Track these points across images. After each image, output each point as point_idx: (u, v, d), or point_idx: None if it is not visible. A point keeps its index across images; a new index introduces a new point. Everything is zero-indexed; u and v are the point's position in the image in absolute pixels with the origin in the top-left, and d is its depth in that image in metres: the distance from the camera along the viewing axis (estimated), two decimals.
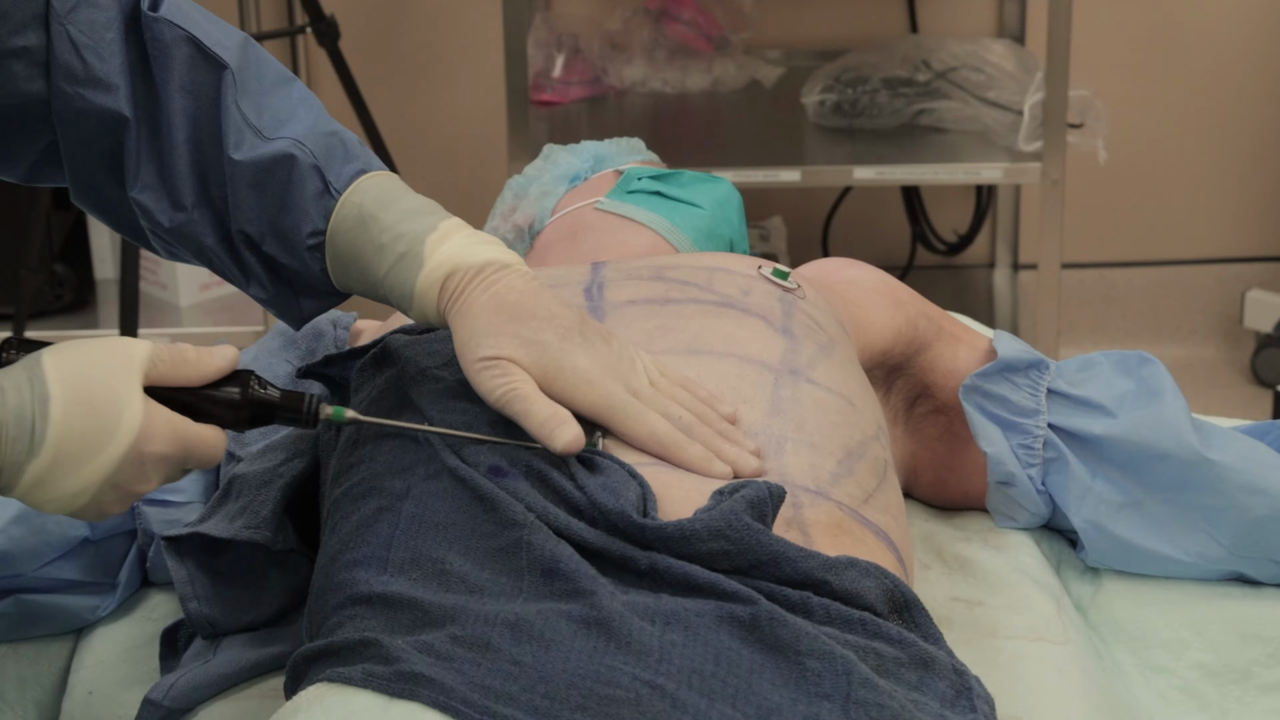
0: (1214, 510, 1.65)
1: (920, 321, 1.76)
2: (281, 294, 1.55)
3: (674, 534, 1.32)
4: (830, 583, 1.33)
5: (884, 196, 3.79)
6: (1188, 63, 3.73)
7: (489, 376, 1.41)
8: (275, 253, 1.50)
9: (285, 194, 1.49)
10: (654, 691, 1.22)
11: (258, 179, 1.49)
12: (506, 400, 1.41)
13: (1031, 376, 1.72)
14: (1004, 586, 1.64)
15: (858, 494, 1.47)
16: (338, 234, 1.48)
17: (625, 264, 1.68)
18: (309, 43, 3.64)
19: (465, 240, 1.46)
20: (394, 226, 1.46)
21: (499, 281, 1.44)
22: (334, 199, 1.48)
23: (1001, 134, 3.29)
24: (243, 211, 1.50)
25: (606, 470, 1.38)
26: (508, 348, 1.41)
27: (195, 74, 1.50)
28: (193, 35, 1.50)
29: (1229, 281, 3.84)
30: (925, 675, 1.30)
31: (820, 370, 1.55)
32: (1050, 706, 1.48)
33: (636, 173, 1.90)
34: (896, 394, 1.76)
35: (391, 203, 1.47)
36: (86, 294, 3.56)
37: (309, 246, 1.49)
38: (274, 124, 1.50)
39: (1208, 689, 1.63)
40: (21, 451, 1.28)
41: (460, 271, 1.44)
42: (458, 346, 1.44)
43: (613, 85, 3.58)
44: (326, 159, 1.49)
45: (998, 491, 1.72)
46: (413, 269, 1.45)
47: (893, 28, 3.70)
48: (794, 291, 1.63)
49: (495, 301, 1.43)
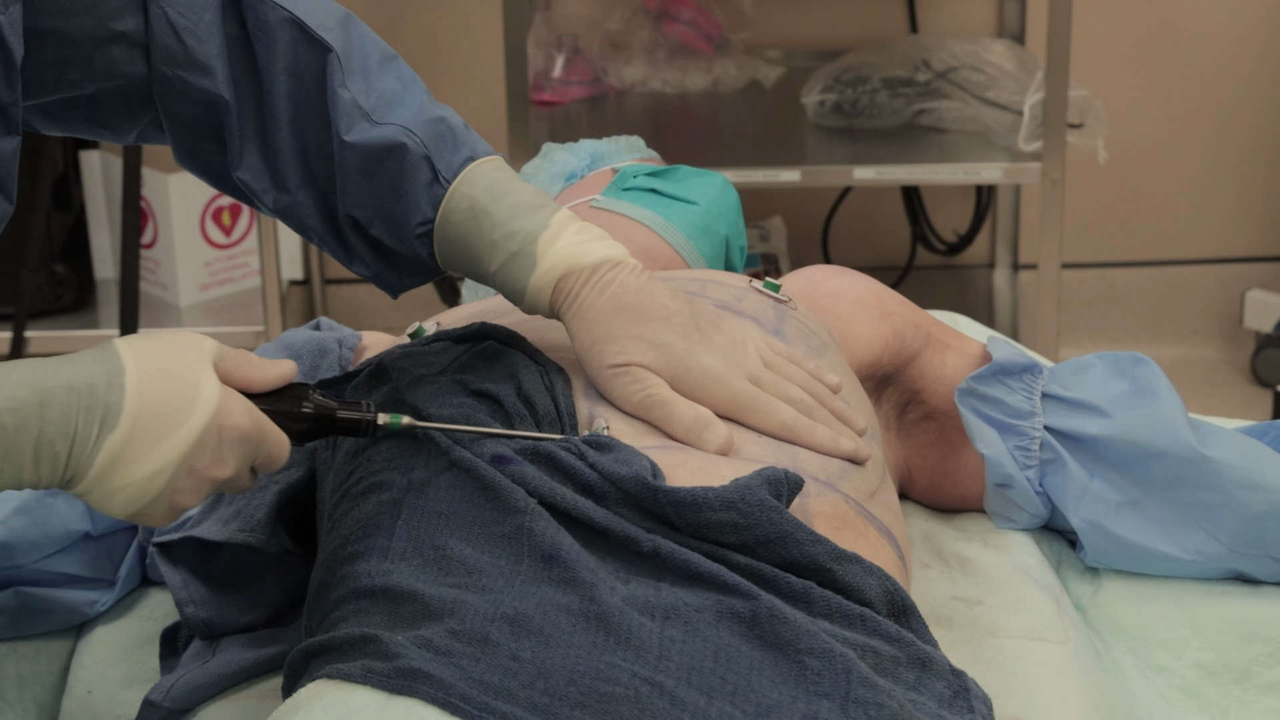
0: (1212, 507, 1.65)
1: (908, 331, 1.76)
2: (384, 271, 1.56)
3: (686, 498, 1.33)
4: (834, 572, 1.33)
5: (884, 196, 3.79)
6: (1188, 63, 3.72)
7: (623, 383, 1.44)
8: (383, 236, 1.52)
9: (396, 182, 1.49)
10: (653, 689, 1.22)
11: (368, 166, 1.50)
12: (646, 406, 1.44)
13: (1025, 380, 1.72)
14: (1004, 586, 1.64)
15: (864, 489, 1.48)
16: (448, 225, 1.49)
17: None
18: None
19: (576, 237, 1.47)
20: (506, 223, 1.47)
21: (614, 282, 1.46)
22: (444, 188, 1.49)
23: (1001, 134, 3.29)
24: (351, 197, 1.51)
25: (616, 448, 1.39)
26: (636, 353, 1.44)
27: (299, 56, 1.50)
28: (296, 17, 1.50)
29: (1229, 281, 3.84)
30: (923, 675, 1.30)
31: (813, 364, 1.55)
32: (1050, 706, 1.48)
33: (632, 170, 1.90)
34: (886, 402, 1.76)
35: (502, 195, 1.48)
36: (86, 294, 3.55)
37: (418, 235, 1.50)
38: (382, 107, 1.51)
39: (1208, 688, 1.63)
40: (95, 422, 1.24)
41: (575, 273, 1.46)
42: (581, 351, 1.46)
43: (613, 85, 3.58)
44: (436, 147, 1.50)
45: (996, 493, 1.72)
46: (526, 268, 1.46)
47: (893, 28, 3.70)
48: (786, 304, 1.64)
49: (614, 304, 1.45)
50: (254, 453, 1.32)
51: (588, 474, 1.37)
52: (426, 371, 1.50)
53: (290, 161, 1.52)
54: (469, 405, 1.44)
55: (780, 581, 1.32)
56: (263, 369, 1.34)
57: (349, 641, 1.30)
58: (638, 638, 1.25)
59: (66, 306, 3.52)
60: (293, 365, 1.36)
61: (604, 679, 1.22)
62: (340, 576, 1.38)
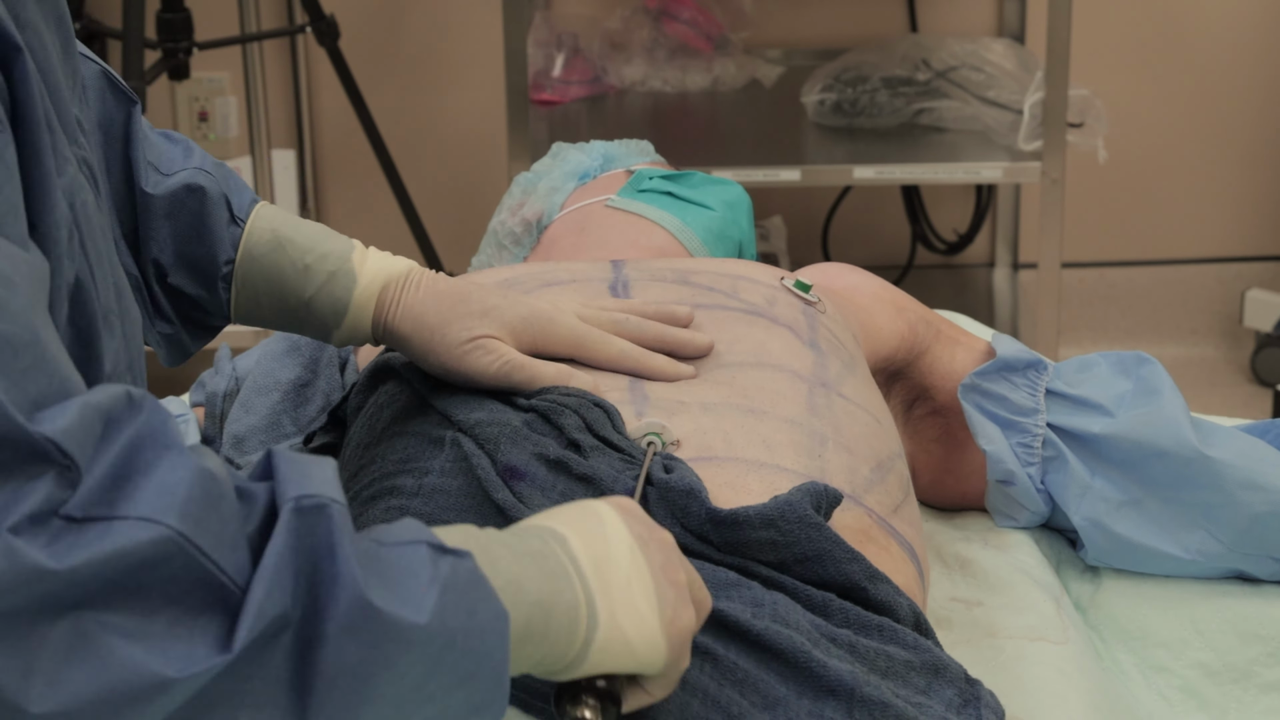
0: (1213, 507, 1.65)
1: (920, 326, 1.76)
2: (180, 330, 1.53)
3: (727, 517, 1.32)
4: (868, 591, 1.33)
5: (884, 196, 3.79)
6: (1188, 62, 3.72)
7: (476, 358, 1.45)
8: (181, 283, 1.50)
9: (198, 223, 1.49)
10: None
11: (170, 209, 1.49)
12: (506, 373, 1.44)
13: (1030, 376, 1.72)
14: (1004, 586, 1.64)
15: (888, 503, 1.48)
16: (250, 260, 1.49)
17: (646, 264, 1.68)
18: (309, 42, 3.64)
19: (381, 254, 1.50)
20: (314, 248, 1.48)
21: (424, 280, 1.48)
22: (240, 227, 1.49)
23: (1001, 133, 3.29)
24: (156, 242, 1.49)
25: (679, 469, 1.38)
26: (477, 326, 1.45)
27: (107, 107, 1.49)
28: (105, 68, 1.49)
29: (1229, 281, 3.84)
30: (934, 681, 1.30)
31: (848, 387, 1.55)
32: (1050, 707, 1.48)
33: (648, 173, 1.90)
34: (895, 397, 1.76)
35: (299, 225, 1.50)
36: None
37: (223, 275, 1.49)
38: (167, 161, 1.50)
39: (1208, 688, 1.63)
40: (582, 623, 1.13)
41: (393, 281, 1.47)
42: (423, 345, 1.46)
43: (612, 84, 3.58)
44: (228, 187, 1.50)
45: (997, 490, 1.72)
46: (346, 286, 1.47)
47: (893, 27, 3.70)
48: (815, 305, 1.63)
49: (433, 295, 1.47)
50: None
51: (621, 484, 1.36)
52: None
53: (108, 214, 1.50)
54: (497, 409, 1.44)
55: (800, 592, 1.32)
56: None
57: None
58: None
59: None
60: None
61: None
62: None
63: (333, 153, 3.78)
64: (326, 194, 3.80)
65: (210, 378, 1.79)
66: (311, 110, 3.74)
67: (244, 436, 1.67)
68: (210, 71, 3.67)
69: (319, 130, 3.77)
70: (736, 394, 1.48)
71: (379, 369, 1.55)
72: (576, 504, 1.18)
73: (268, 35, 3.35)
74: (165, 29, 3.12)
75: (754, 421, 1.45)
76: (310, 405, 1.68)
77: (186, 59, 3.14)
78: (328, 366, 1.72)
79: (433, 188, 3.73)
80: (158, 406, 0.97)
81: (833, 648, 1.28)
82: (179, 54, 3.12)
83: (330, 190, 3.80)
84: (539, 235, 1.89)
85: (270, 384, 1.71)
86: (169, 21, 3.12)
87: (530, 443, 1.39)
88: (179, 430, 0.96)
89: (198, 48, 3.14)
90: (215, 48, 3.23)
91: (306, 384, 1.70)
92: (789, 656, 1.24)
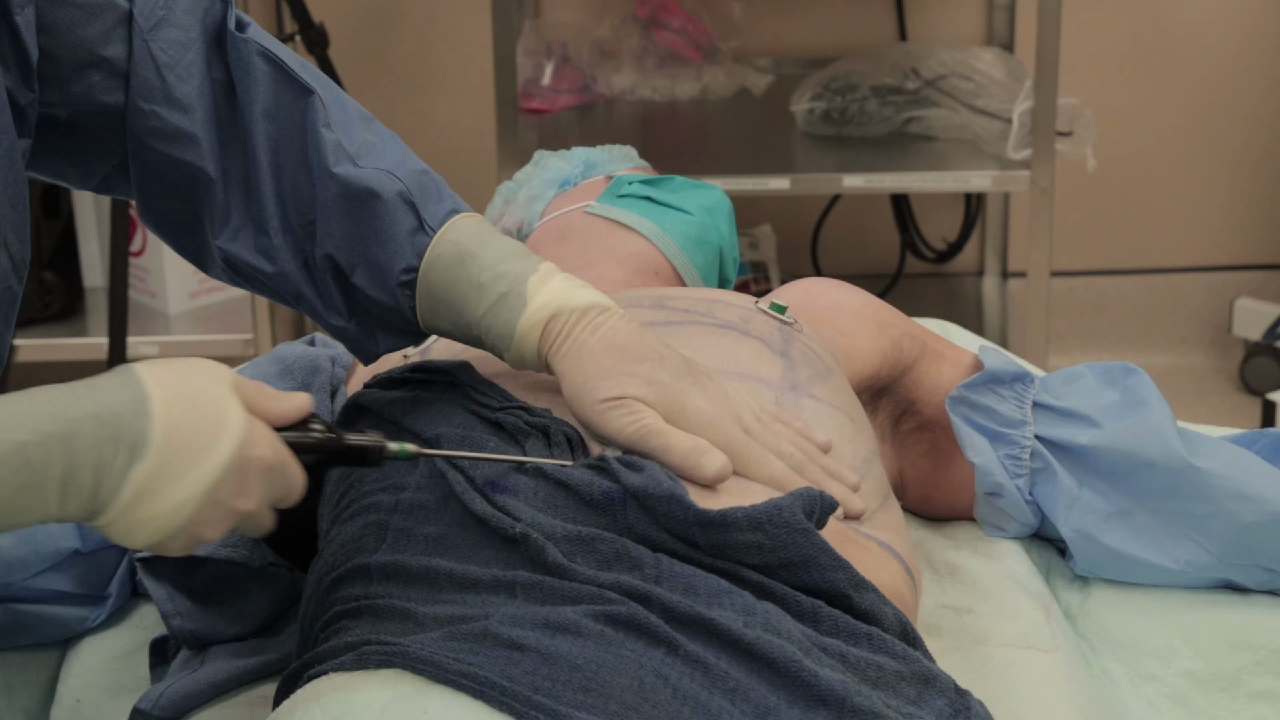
0: (1202, 518, 1.65)
1: (904, 342, 1.76)
2: (360, 326, 1.53)
3: (715, 518, 1.32)
4: (851, 599, 1.33)
5: (873, 204, 3.79)
6: (1176, 71, 3.73)
7: (617, 415, 1.41)
8: (364, 284, 1.49)
9: (380, 227, 1.48)
10: (658, 679, 1.22)
11: (351, 207, 1.48)
12: (641, 436, 1.41)
13: (1017, 389, 1.72)
14: (993, 594, 1.64)
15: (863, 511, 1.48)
16: (432, 271, 1.47)
17: (626, 294, 1.68)
18: (298, 50, 3.64)
19: (566, 283, 1.46)
20: (494, 266, 1.45)
21: (604, 324, 1.44)
22: (429, 236, 1.47)
23: (990, 142, 3.29)
24: (333, 238, 1.48)
25: (648, 469, 1.38)
26: (631, 387, 1.41)
27: (280, 98, 1.49)
28: (279, 58, 1.49)
29: (1218, 289, 3.84)
30: (925, 691, 1.30)
31: (819, 388, 1.55)
32: (1040, 715, 1.48)
33: (627, 178, 1.90)
34: (882, 412, 1.76)
35: (488, 243, 1.47)
36: (75, 302, 3.55)
37: (401, 282, 1.48)
38: (366, 153, 1.49)
39: (1197, 697, 1.63)
40: (123, 452, 1.18)
41: (565, 314, 1.44)
42: (571, 389, 1.43)
43: (602, 93, 3.58)
44: (421, 196, 1.49)
45: (986, 502, 1.72)
46: (515, 309, 1.44)
47: (882, 36, 3.70)
48: (792, 326, 1.63)
49: (605, 343, 1.43)
50: (277, 486, 1.27)
51: (599, 488, 1.36)
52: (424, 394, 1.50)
53: (270, 204, 1.49)
54: (467, 424, 1.44)
55: (790, 600, 1.31)
56: (280, 401, 1.29)
57: (334, 650, 1.30)
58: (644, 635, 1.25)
59: (55, 314, 3.51)
60: (309, 398, 1.31)
61: (608, 669, 1.22)
62: (328, 602, 1.38)
63: None
64: None
65: None
66: None
67: None
68: None
69: None
70: None
71: (351, 406, 1.55)
72: (218, 420, 1.23)
73: None
74: None
75: None
76: None
77: None
78: (319, 392, 1.72)
79: None
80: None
81: (824, 657, 1.28)
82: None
83: None
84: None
85: None
86: None
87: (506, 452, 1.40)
88: None
89: None
90: None
91: None
92: (780, 666, 1.24)
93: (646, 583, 1.29)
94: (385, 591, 1.35)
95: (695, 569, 1.31)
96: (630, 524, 1.34)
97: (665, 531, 1.33)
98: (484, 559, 1.34)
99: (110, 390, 1.20)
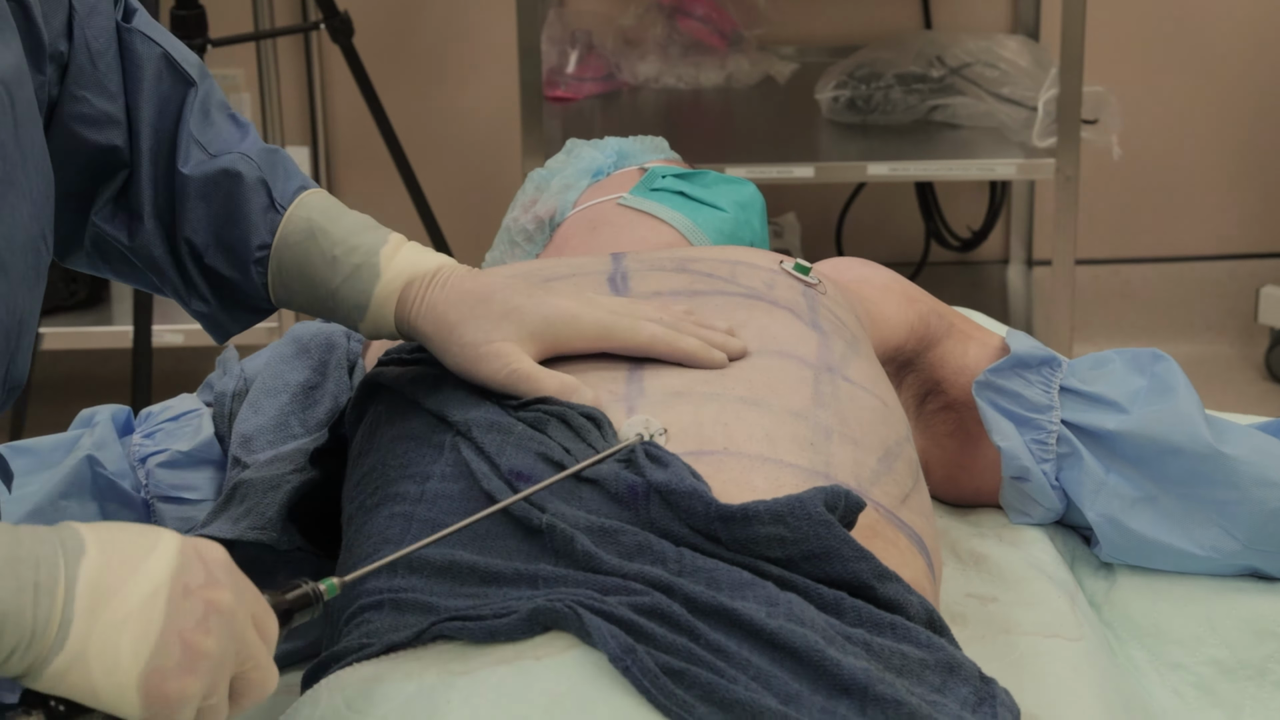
0: (1228, 504, 1.64)
1: (932, 318, 1.76)
2: (218, 310, 1.56)
3: (737, 513, 1.32)
4: (875, 589, 1.33)
5: (898, 193, 3.79)
6: (1202, 58, 3.72)
7: (487, 363, 1.45)
8: (218, 264, 1.52)
9: (233, 207, 1.51)
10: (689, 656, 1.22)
11: (205, 190, 1.51)
12: (512, 382, 1.45)
13: (1044, 373, 1.72)
14: (1018, 582, 1.64)
15: (896, 494, 1.47)
16: (285, 248, 1.51)
17: (646, 255, 1.68)
18: (322, 39, 3.65)
19: (415, 250, 1.51)
20: (346, 240, 1.50)
21: (452, 277, 1.48)
22: (279, 214, 1.51)
23: (1016, 130, 3.29)
24: (189, 222, 1.52)
25: (671, 463, 1.37)
26: (494, 331, 1.45)
27: (163, 88, 1.52)
28: (166, 50, 1.52)
29: (1243, 277, 3.83)
30: (949, 679, 1.30)
31: (854, 369, 1.54)
32: (1066, 703, 1.48)
33: (660, 171, 1.90)
34: (907, 390, 1.76)
35: (338, 217, 1.51)
36: (100, 291, 3.56)
37: (256, 259, 1.51)
38: (221, 139, 1.53)
39: (1223, 685, 1.63)
40: (59, 555, 1.07)
41: (418, 279, 1.48)
42: (438, 347, 1.47)
43: (626, 81, 3.57)
44: (271, 173, 1.52)
45: (1012, 487, 1.72)
46: (370, 280, 1.49)
47: (907, 24, 3.69)
48: (815, 287, 1.63)
49: (458, 294, 1.47)
50: (246, 595, 1.17)
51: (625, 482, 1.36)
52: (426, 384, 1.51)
53: (146, 189, 1.52)
54: (495, 410, 1.44)
55: (812, 592, 1.31)
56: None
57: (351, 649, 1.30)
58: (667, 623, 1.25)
59: (80, 303, 3.53)
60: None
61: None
62: (353, 594, 1.38)
63: (346, 149, 3.78)
64: (340, 190, 3.80)
65: (218, 379, 1.79)
66: (325, 107, 3.75)
67: (252, 436, 1.67)
68: (224, 69, 3.67)
69: (333, 127, 3.77)
70: (739, 384, 1.48)
71: (370, 383, 1.55)
72: (149, 528, 1.11)
73: (283, 32, 3.36)
74: (180, 26, 3.12)
75: (756, 413, 1.45)
76: (319, 408, 1.68)
77: (201, 56, 3.14)
78: (336, 369, 1.72)
79: (446, 184, 3.74)
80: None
81: (848, 646, 1.27)
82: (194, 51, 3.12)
83: (344, 186, 3.80)
84: (551, 233, 1.89)
85: (279, 386, 1.71)
86: (184, 19, 3.12)
87: (534, 442, 1.40)
88: None
89: (212, 44, 3.14)
90: (230, 44, 3.23)
91: (315, 386, 1.70)
92: (803, 655, 1.24)
93: (670, 574, 1.29)
94: (408, 584, 1.35)
95: (718, 562, 1.31)
96: (653, 518, 1.34)
97: (687, 527, 1.33)
98: (506, 550, 1.34)
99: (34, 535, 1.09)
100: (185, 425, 1.75)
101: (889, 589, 1.33)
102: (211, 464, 1.73)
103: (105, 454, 1.69)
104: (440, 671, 1.24)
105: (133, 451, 1.72)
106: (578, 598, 1.25)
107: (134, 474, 1.70)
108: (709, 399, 1.46)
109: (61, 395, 3.74)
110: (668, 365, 1.50)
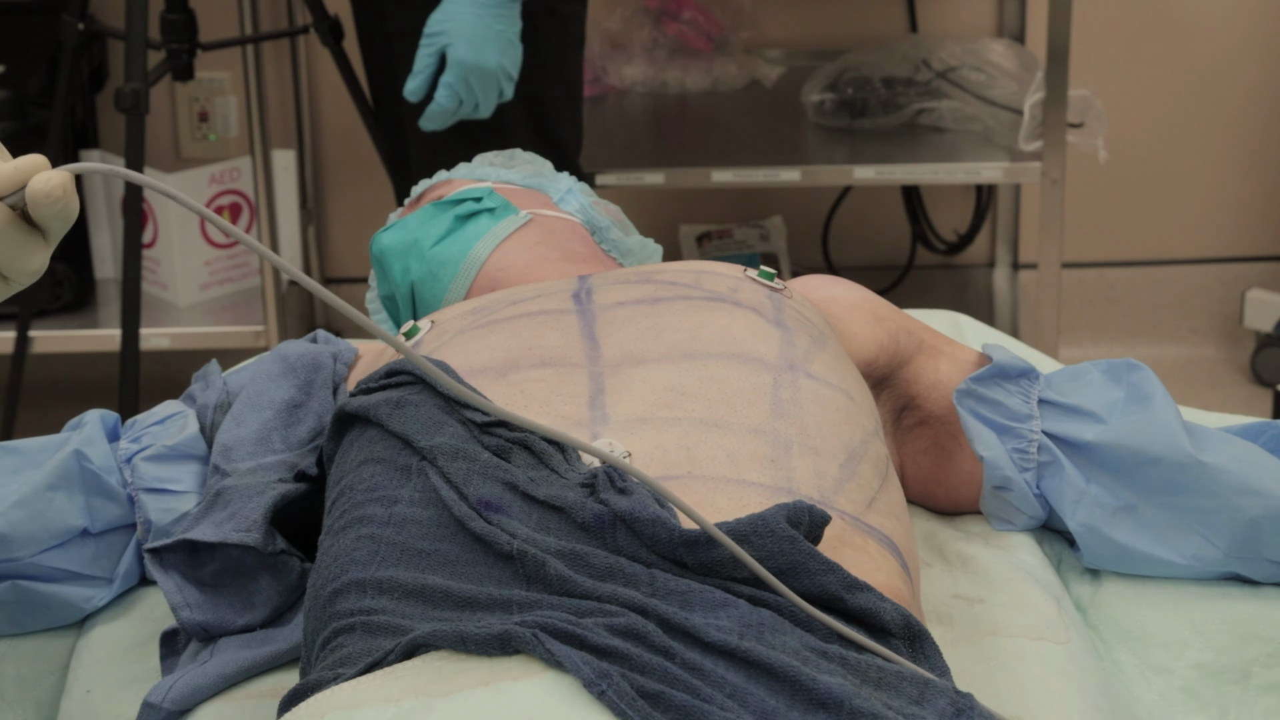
0: (1208, 512, 1.65)
1: (901, 336, 1.76)
2: None
3: (700, 538, 1.32)
4: (845, 600, 1.33)
5: (884, 196, 3.79)
6: (1188, 62, 3.73)
7: None
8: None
9: None
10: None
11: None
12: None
13: (1023, 384, 1.72)
14: (1005, 584, 1.64)
15: (860, 499, 1.47)
16: None
17: (612, 273, 1.69)
18: (309, 42, 3.64)
19: None
20: None
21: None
22: None
23: (1002, 133, 3.29)
24: None
25: (635, 491, 1.37)
26: None
27: None
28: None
29: (1229, 281, 3.84)
30: (927, 690, 1.30)
31: (817, 363, 1.55)
32: (1051, 706, 1.48)
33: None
34: (883, 406, 1.76)
35: None
36: (86, 294, 3.55)
37: None
38: None
39: (1207, 689, 1.63)
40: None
41: None
42: None
43: (612, 85, 3.58)
44: None
45: (994, 496, 1.72)
46: None
47: (893, 27, 3.70)
48: (781, 291, 1.64)
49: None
50: None
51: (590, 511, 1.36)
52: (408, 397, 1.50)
53: None
54: (460, 436, 1.44)
55: (784, 608, 1.31)
56: None
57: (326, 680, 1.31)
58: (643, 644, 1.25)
59: (66, 306, 3.52)
60: None
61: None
62: (326, 617, 1.39)
63: (333, 153, 3.78)
64: (326, 194, 3.80)
65: (200, 391, 1.79)
66: (312, 110, 3.75)
67: (233, 446, 1.68)
68: (210, 72, 3.67)
69: (319, 131, 3.77)
70: (698, 404, 1.48)
71: (340, 416, 1.55)
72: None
73: (272, 36, 3.36)
74: (169, 30, 3.12)
75: (716, 435, 1.45)
76: (302, 426, 1.69)
77: (190, 60, 3.14)
78: (321, 389, 1.72)
79: None
80: None
81: (823, 662, 1.27)
82: (182, 55, 3.12)
83: (330, 191, 3.80)
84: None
85: (263, 401, 1.71)
86: (173, 22, 3.11)
87: (500, 470, 1.40)
88: None
89: (201, 49, 3.14)
90: (219, 49, 3.23)
91: (299, 405, 1.70)
92: (779, 672, 1.24)
93: (643, 596, 1.30)
94: (380, 607, 1.35)
95: (690, 583, 1.31)
96: (620, 546, 1.35)
97: (654, 554, 1.34)
98: (477, 576, 1.34)
99: None
100: (170, 426, 1.75)
101: (859, 599, 1.33)
102: (195, 459, 1.73)
103: (92, 450, 1.70)
104: (418, 694, 1.24)
105: (120, 455, 1.72)
106: (551, 620, 1.25)
107: (120, 473, 1.71)
108: (671, 424, 1.46)
109: (49, 399, 3.74)
110: (630, 390, 1.50)
